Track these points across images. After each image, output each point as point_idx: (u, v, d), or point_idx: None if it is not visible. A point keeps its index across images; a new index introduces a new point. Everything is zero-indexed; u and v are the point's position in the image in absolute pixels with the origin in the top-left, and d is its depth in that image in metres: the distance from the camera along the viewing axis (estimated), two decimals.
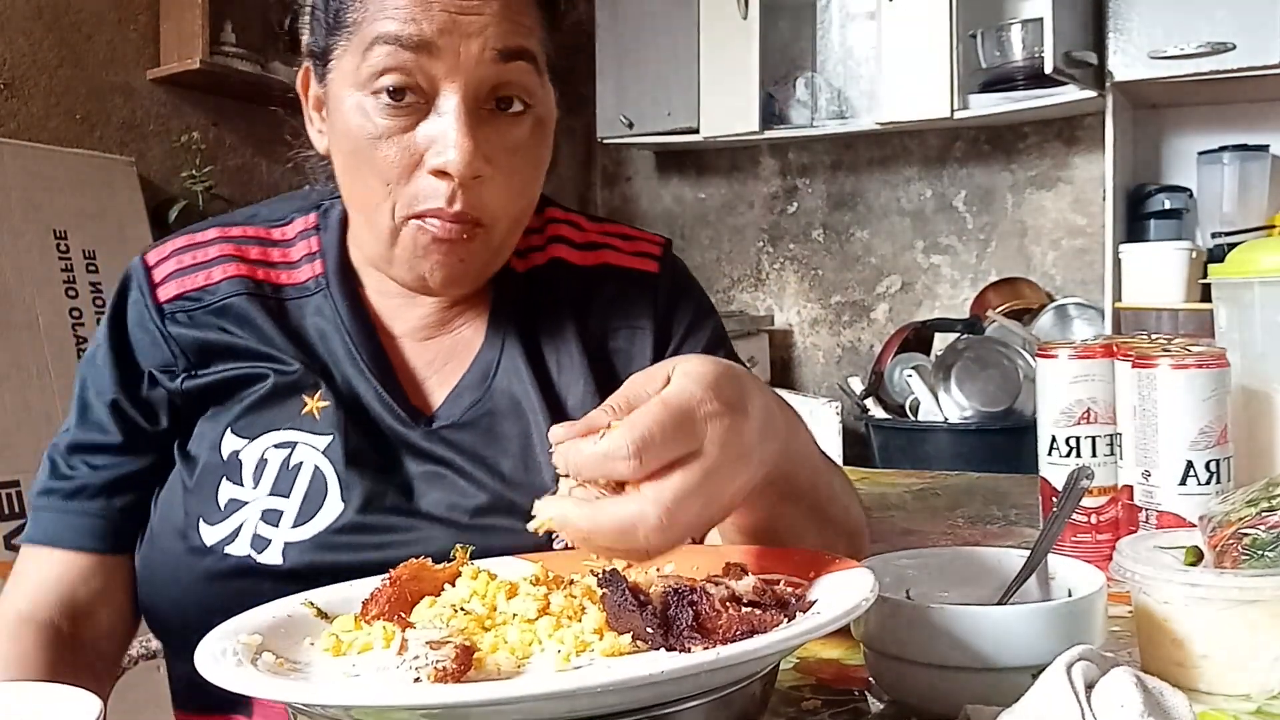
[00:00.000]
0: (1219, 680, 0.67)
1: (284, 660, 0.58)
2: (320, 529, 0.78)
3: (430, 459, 0.82)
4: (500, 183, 0.79)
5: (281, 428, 0.82)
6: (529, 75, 0.78)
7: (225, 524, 0.79)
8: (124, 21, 2.46)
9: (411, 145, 0.77)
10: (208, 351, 0.85)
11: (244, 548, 0.78)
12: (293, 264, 0.90)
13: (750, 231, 3.81)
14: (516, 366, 0.86)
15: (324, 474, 0.80)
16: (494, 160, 0.77)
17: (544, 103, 0.81)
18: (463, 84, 0.76)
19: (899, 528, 1.20)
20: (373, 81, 0.76)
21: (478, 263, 0.82)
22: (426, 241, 0.79)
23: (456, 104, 0.76)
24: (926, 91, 2.99)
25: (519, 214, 0.83)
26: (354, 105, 0.78)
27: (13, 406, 1.99)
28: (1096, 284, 3.06)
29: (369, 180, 0.79)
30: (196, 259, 0.88)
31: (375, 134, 0.77)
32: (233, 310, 0.85)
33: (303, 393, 0.83)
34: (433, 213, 0.77)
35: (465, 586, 0.63)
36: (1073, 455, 1.00)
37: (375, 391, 0.84)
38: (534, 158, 0.81)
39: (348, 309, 0.87)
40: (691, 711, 0.51)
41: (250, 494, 0.80)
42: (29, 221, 2.12)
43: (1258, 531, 0.70)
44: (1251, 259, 1.02)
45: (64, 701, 0.55)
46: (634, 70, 3.47)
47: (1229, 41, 2.53)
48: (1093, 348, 1.00)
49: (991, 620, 0.63)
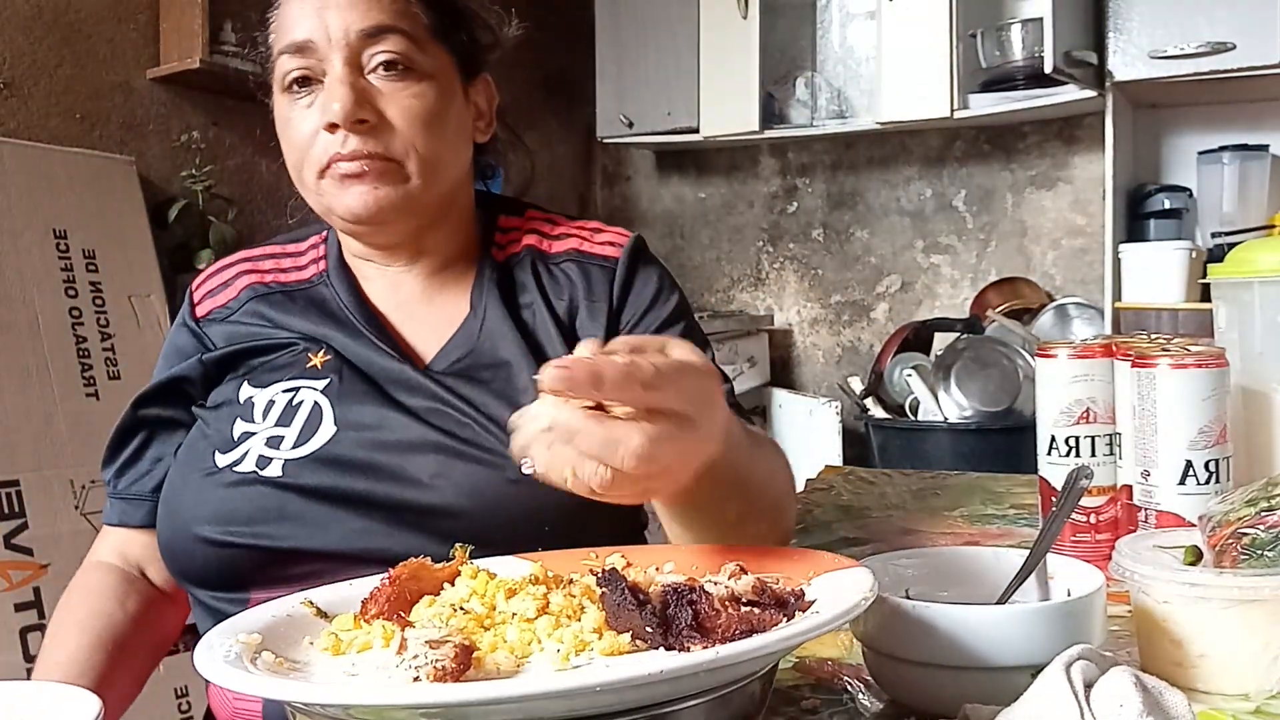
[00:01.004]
0: (1218, 679, 0.67)
1: (283, 659, 0.58)
2: (316, 448, 0.89)
3: (422, 393, 0.92)
4: (396, 126, 0.92)
5: (289, 379, 0.95)
6: (402, 44, 0.93)
7: (236, 450, 0.91)
8: (124, 21, 2.46)
9: (313, 117, 0.93)
10: (232, 335, 1.01)
11: (250, 465, 0.89)
12: (301, 267, 1.06)
13: (750, 231, 3.81)
14: (500, 328, 0.96)
15: (321, 407, 0.92)
16: (383, 107, 0.92)
17: (425, 62, 0.95)
18: (338, 58, 0.92)
19: (899, 528, 1.20)
20: (284, 78, 0.94)
21: (396, 193, 0.93)
22: (337, 181, 0.93)
23: (334, 71, 0.92)
24: (926, 91, 2.99)
25: (428, 153, 0.94)
26: (280, 102, 0.97)
27: (13, 406, 1.99)
28: (1096, 284, 3.06)
29: (292, 152, 0.95)
30: (223, 280, 1.06)
31: (287, 116, 0.95)
32: (250, 308, 1.02)
33: (308, 352, 0.97)
34: (338, 157, 0.92)
35: (464, 586, 0.63)
36: (1072, 455, 1.00)
37: (372, 343, 0.96)
38: (425, 109, 0.94)
39: (347, 291, 1.01)
40: (691, 711, 0.51)
41: (258, 426, 0.92)
42: (29, 221, 2.11)
43: (1257, 531, 0.70)
44: (1251, 259, 1.02)
45: (64, 701, 0.55)
46: (634, 70, 3.47)
47: (1229, 41, 2.53)
48: (1092, 347, 1.00)
49: (990, 620, 0.63)
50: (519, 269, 1.02)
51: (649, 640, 0.54)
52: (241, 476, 0.89)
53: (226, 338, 1.02)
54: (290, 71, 0.94)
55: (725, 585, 0.58)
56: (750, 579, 0.60)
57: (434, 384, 0.92)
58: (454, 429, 0.89)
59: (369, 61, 0.93)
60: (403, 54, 0.93)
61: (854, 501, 1.34)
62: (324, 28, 0.92)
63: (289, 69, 0.94)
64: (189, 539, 0.89)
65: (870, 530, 1.19)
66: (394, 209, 0.94)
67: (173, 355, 1.05)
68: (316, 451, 0.89)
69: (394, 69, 0.93)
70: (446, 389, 0.92)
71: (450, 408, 0.91)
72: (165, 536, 0.93)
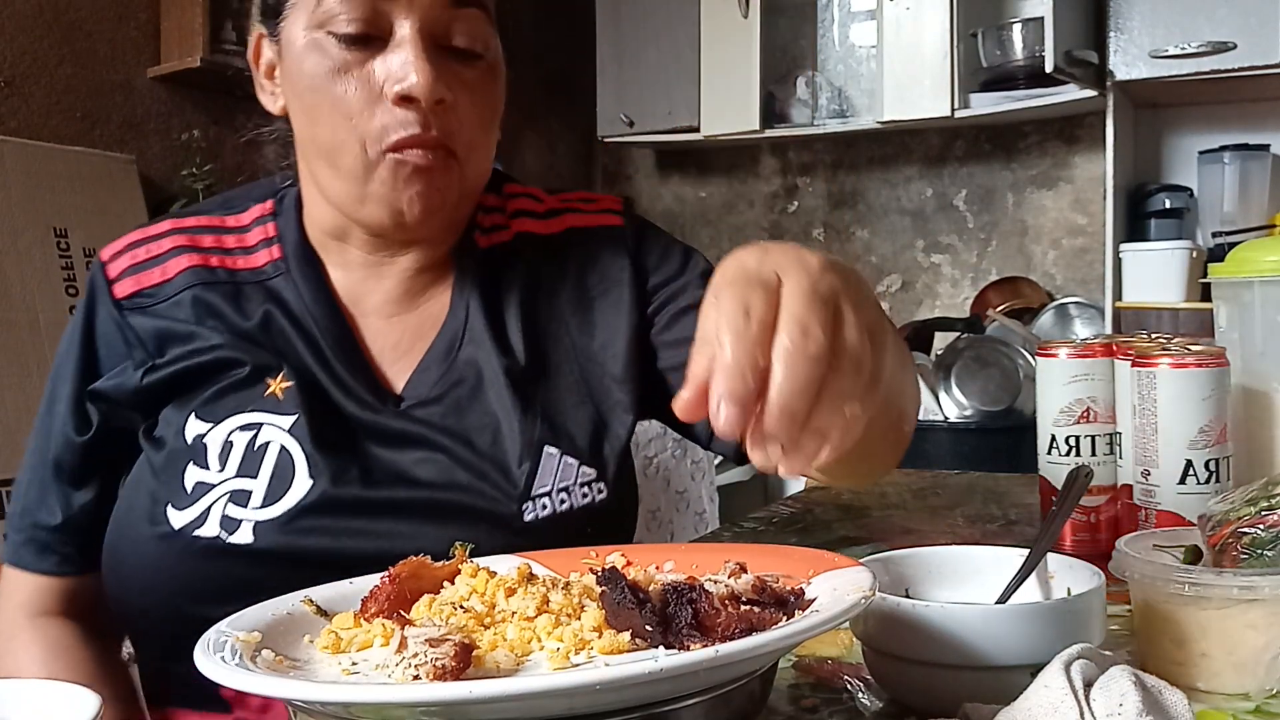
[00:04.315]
0: (1217, 679, 0.67)
1: (283, 657, 0.58)
2: (290, 506, 0.77)
3: (400, 438, 0.82)
4: (465, 112, 0.80)
5: (245, 410, 0.81)
6: (480, 23, 0.81)
7: (193, 508, 0.78)
8: (124, 19, 2.46)
9: (370, 78, 0.78)
10: (166, 339, 0.84)
11: (213, 529, 0.77)
12: (249, 249, 0.89)
13: (751, 230, 3.81)
14: (480, 337, 0.86)
15: (290, 452, 0.79)
16: (455, 93, 0.79)
17: (495, 50, 0.83)
18: (418, 20, 0.77)
19: (899, 527, 1.20)
20: (329, 23, 0.78)
21: (453, 194, 0.82)
22: (407, 173, 0.79)
23: (412, 35, 0.77)
24: (927, 90, 2.99)
25: (485, 150, 0.84)
26: (310, 43, 0.79)
27: (13, 405, 1.99)
28: (1096, 283, 3.06)
29: (331, 118, 0.79)
30: (151, 253, 0.87)
31: (334, 67, 0.78)
32: (190, 302, 0.85)
33: (265, 376, 0.82)
34: (409, 141, 0.78)
35: (464, 584, 0.63)
36: (1072, 454, 1.00)
37: (337, 377, 0.83)
38: (490, 99, 0.83)
39: (310, 291, 0.86)
40: (690, 709, 0.51)
41: (216, 476, 0.79)
42: (29, 219, 2.11)
43: (1257, 531, 0.70)
44: (1251, 258, 1.02)
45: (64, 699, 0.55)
46: (634, 69, 3.47)
47: (1230, 41, 2.53)
48: (1092, 347, 1.01)
49: (990, 619, 0.63)
50: (510, 260, 0.91)
51: (648, 639, 0.54)
52: (207, 544, 0.76)
53: (158, 338, 0.84)
54: (340, 15, 0.77)
55: (725, 584, 0.58)
56: (750, 578, 0.60)
57: (413, 424, 0.82)
58: (445, 478, 0.80)
59: (440, 31, 0.79)
60: (481, 35, 0.81)
61: (854, 501, 1.34)
62: None
63: (341, 12, 0.77)
64: (141, 611, 0.80)
65: (870, 530, 1.19)
66: (444, 214, 0.83)
67: (88, 360, 0.86)
68: (292, 511, 0.77)
69: (463, 50, 0.80)
70: (426, 425, 0.82)
71: (432, 449, 0.81)
72: (116, 594, 0.82)
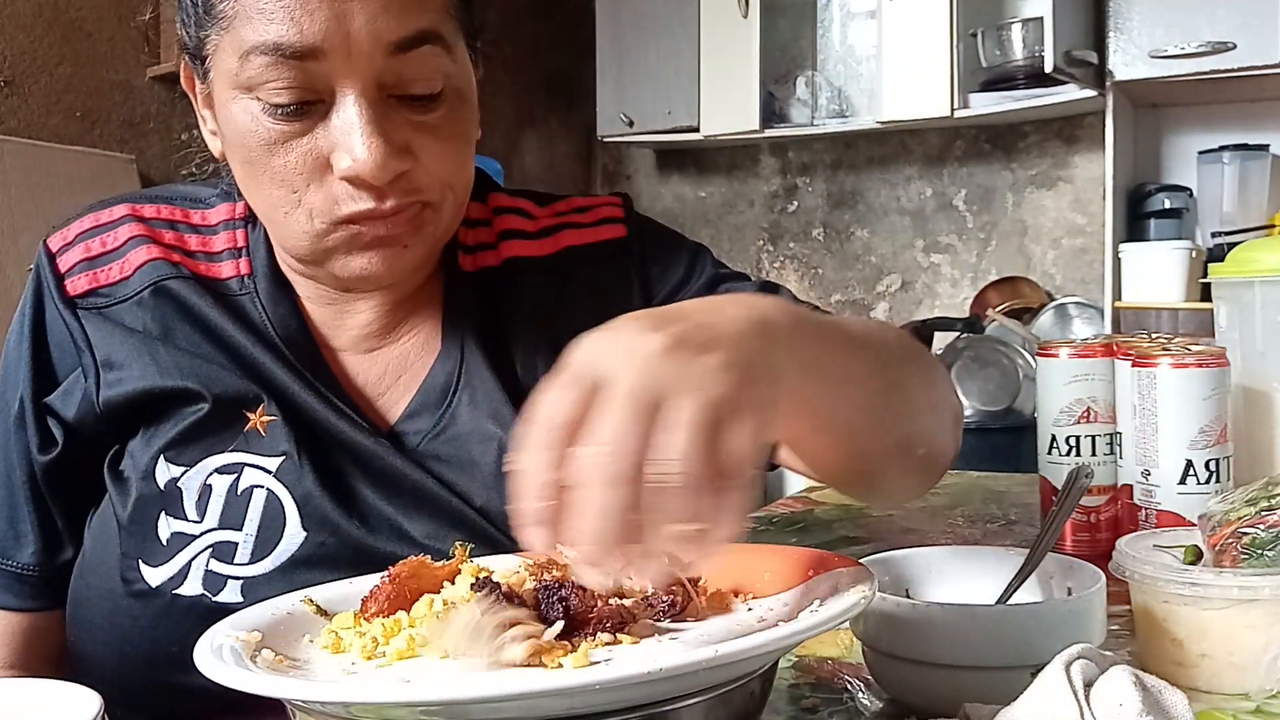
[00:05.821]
0: (1218, 679, 0.67)
1: (283, 657, 0.57)
2: (282, 561, 0.70)
3: (398, 482, 0.74)
4: (431, 164, 0.70)
5: (223, 450, 0.72)
6: (436, 58, 0.69)
7: (171, 563, 0.70)
8: (124, 19, 2.46)
9: (314, 148, 0.67)
10: (125, 349, 0.74)
11: (196, 588, 0.69)
12: (213, 255, 0.78)
13: (750, 230, 3.81)
14: (482, 379, 0.77)
15: (279, 499, 0.71)
16: (415, 145, 0.69)
17: (459, 74, 0.72)
18: (360, 80, 0.66)
19: (899, 527, 1.20)
20: (258, 89, 0.67)
21: (425, 248, 0.73)
22: (365, 241, 0.70)
23: (356, 100, 0.66)
24: (927, 90, 2.99)
25: (462, 183, 0.74)
26: (241, 109, 0.68)
27: None
28: (1096, 283, 3.06)
29: (272, 191, 0.69)
30: (107, 245, 0.77)
31: (269, 140, 0.67)
32: (152, 303, 0.75)
33: (244, 408, 0.73)
34: (363, 215, 0.68)
35: (464, 584, 0.63)
36: (1072, 454, 1.00)
37: (327, 411, 0.74)
38: (459, 132, 0.72)
39: (280, 319, 0.76)
40: (690, 709, 0.51)
41: (195, 527, 0.71)
42: (29, 219, 2.11)
43: (1257, 531, 0.70)
44: (1251, 258, 1.02)
45: (64, 699, 0.54)
46: (634, 69, 3.47)
47: (1229, 41, 2.52)
48: (1093, 347, 1.00)
49: (990, 619, 0.63)
50: (503, 288, 0.81)
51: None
52: (189, 604, 0.69)
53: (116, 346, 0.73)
54: (271, 83, 0.65)
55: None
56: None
57: (414, 470, 0.74)
58: (445, 530, 0.73)
59: (398, 83, 0.68)
60: (439, 69, 0.70)
61: (854, 501, 1.34)
62: (342, 32, 0.64)
63: (267, 79, 0.65)
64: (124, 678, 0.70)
65: (870, 530, 1.19)
66: (414, 269, 0.75)
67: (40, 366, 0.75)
68: (284, 565, 0.70)
69: (429, 95, 0.70)
70: (423, 470, 0.74)
71: (437, 499, 0.74)
72: (82, 651, 0.74)
